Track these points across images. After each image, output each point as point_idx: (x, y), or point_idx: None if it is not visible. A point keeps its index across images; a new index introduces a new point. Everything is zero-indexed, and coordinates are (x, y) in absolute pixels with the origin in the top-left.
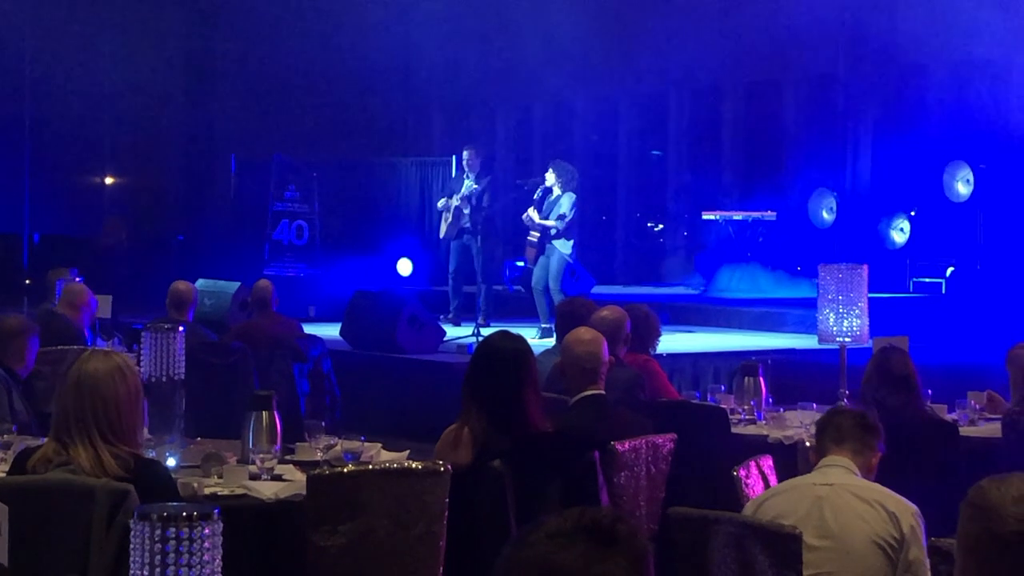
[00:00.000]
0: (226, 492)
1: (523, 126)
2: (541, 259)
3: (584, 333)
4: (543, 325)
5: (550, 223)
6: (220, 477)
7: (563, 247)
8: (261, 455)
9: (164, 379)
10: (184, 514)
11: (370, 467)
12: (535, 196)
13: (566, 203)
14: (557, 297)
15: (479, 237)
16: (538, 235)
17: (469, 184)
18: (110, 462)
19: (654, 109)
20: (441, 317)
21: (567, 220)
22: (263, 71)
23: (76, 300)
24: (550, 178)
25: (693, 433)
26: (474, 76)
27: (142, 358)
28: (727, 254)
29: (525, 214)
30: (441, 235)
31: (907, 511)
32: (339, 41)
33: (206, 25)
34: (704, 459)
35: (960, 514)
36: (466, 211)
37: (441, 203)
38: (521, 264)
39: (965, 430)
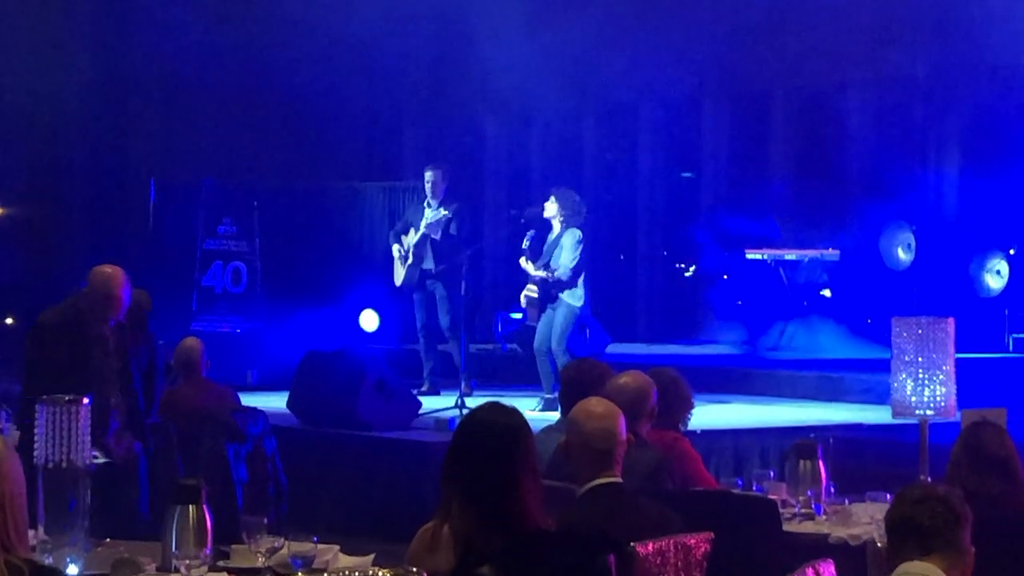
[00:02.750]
0: None
1: (518, 144)
2: (545, 314)
3: (596, 405)
4: (546, 395)
5: (543, 275)
6: None
7: (573, 299)
8: (187, 561)
9: (64, 464)
10: None
11: (325, 575)
12: (524, 244)
13: (568, 244)
14: (561, 359)
15: (444, 281)
16: (537, 288)
17: (432, 213)
18: (3, 573)
19: (683, 120)
20: (417, 390)
21: (573, 266)
22: (190, 77)
23: None
24: (550, 209)
25: (735, 531)
26: (456, 82)
27: (36, 437)
28: (778, 304)
29: (522, 264)
30: (397, 281)
31: None
32: (285, 37)
33: (121, 21)
34: (749, 564)
35: None
36: (428, 248)
37: (395, 249)
38: (518, 316)
39: None
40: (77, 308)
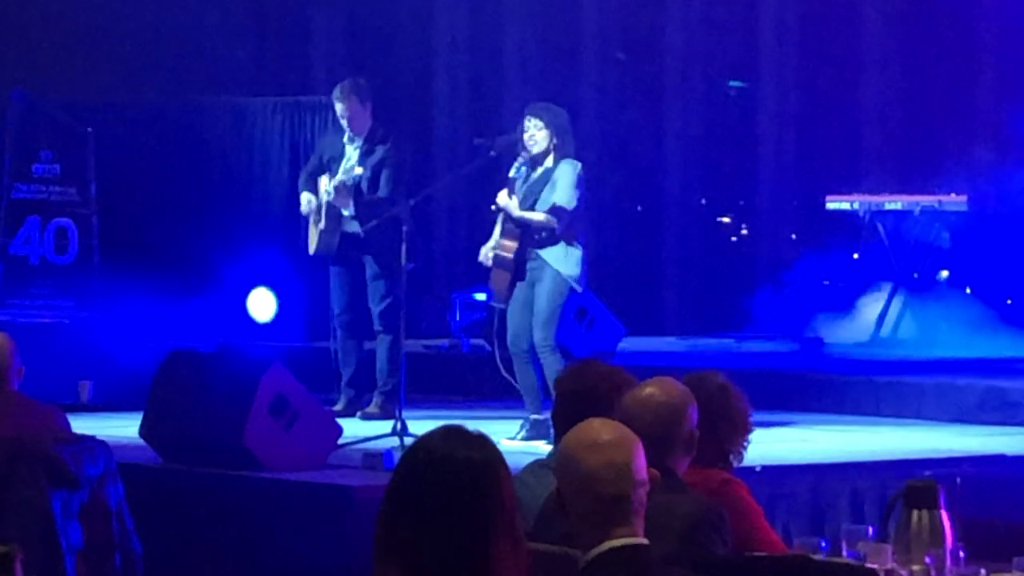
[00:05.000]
0: None
1: (485, 43)
2: (520, 289)
3: (599, 430)
4: (532, 416)
5: (540, 217)
6: None
7: (562, 262)
8: None
9: None
10: None
11: None
12: (513, 172)
13: (567, 179)
14: (552, 361)
15: (377, 249)
16: (514, 245)
17: (355, 155)
18: None
19: (733, 6)
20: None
21: (572, 210)
22: None
23: None
24: (539, 138)
25: None
26: None
27: None
28: (873, 275)
29: (500, 201)
30: (311, 248)
31: None
32: None
33: None
34: None
35: None
36: (346, 212)
37: (305, 200)
38: (485, 298)
39: None
40: None
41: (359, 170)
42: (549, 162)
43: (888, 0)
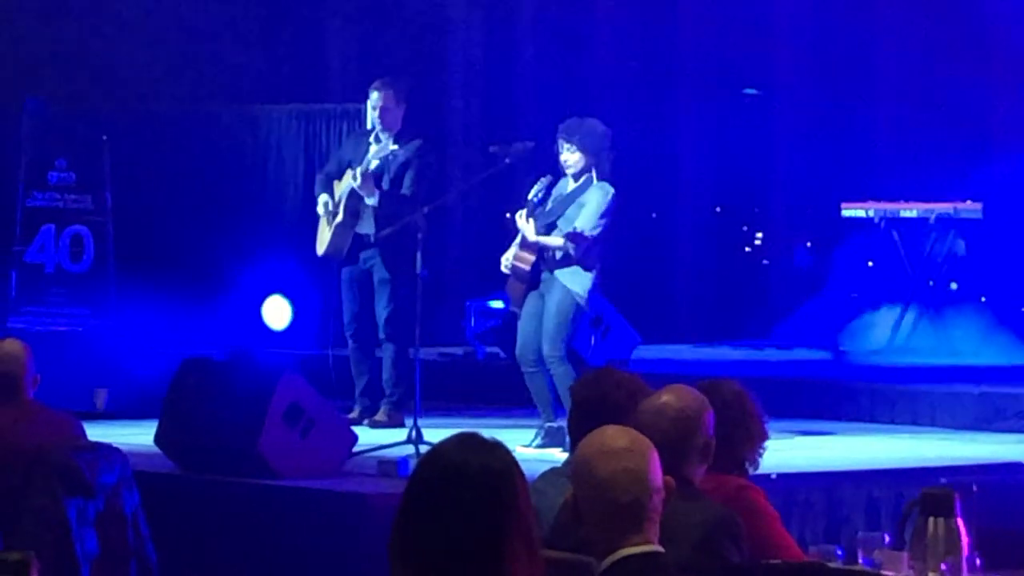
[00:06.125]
0: None
1: (501, 48)
2: (531, 301)
3: (614, 437)
4: (546, 424)
5: (557, 242)
6: None
7: (575, 280)
8: None
9: None
10: None
11: None
12: (531, 195)
13: (596, 202)
14: (562, 372)
15: (387, 254)
16: (532, 258)
17: (380, 151)
18: None
19: (747, 14)
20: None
21: (592, 237)
22: None
23: None
24: (571, 159)
25: None
26: None
27: None
28: (889, 284)
29: (518, 223)
30: (320, 249)
31: None
32: None
33: None
34: None
35: None
36: (370, 201)
37: (322, 201)
38: (499, 306)
39: None
40: None
41: (394, 147)
42: (584, 180)
43: (903, 6)
